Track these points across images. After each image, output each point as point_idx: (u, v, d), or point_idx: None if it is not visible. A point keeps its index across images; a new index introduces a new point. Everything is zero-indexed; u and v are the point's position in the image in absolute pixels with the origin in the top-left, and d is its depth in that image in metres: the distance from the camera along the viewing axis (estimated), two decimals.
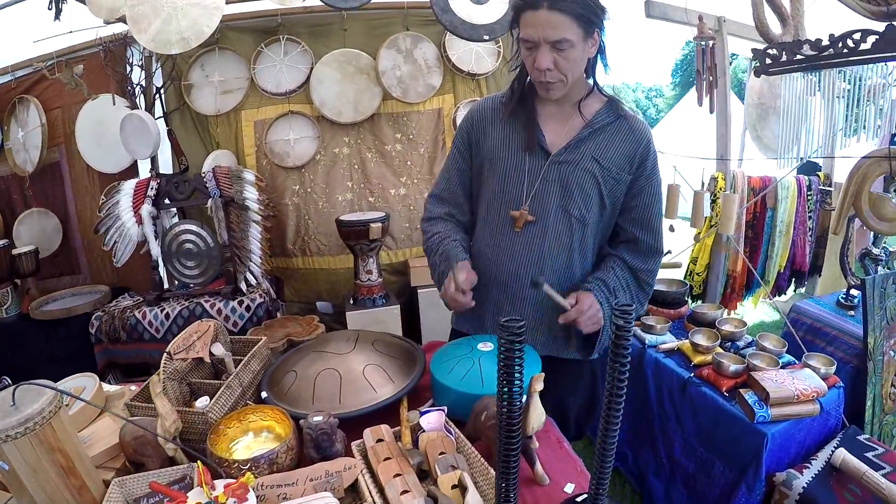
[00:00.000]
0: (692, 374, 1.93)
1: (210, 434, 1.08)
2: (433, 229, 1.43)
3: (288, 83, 2.71)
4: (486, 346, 1.23)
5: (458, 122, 2.80)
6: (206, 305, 2.53)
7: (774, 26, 2.11)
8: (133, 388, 1.47)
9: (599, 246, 1.39)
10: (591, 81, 1.29)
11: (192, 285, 2.62)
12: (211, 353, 1.35)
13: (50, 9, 2.66)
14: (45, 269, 3.05)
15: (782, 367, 1.81)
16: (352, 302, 2.64)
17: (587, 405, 1.51)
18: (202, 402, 1.18)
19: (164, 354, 1.25)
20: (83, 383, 1.43)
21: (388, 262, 2.90)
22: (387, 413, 1.17)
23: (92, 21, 2.64)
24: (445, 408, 1.08)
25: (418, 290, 2.73)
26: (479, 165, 1.36)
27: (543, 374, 0.92)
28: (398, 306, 2.60)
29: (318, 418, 1.03)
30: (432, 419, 1.05)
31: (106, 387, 1.49)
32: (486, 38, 2.49)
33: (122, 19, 2.51)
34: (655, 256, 1.35)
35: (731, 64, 2.92)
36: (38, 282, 3.01)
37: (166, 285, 2.72)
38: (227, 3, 2.44)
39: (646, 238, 1.33)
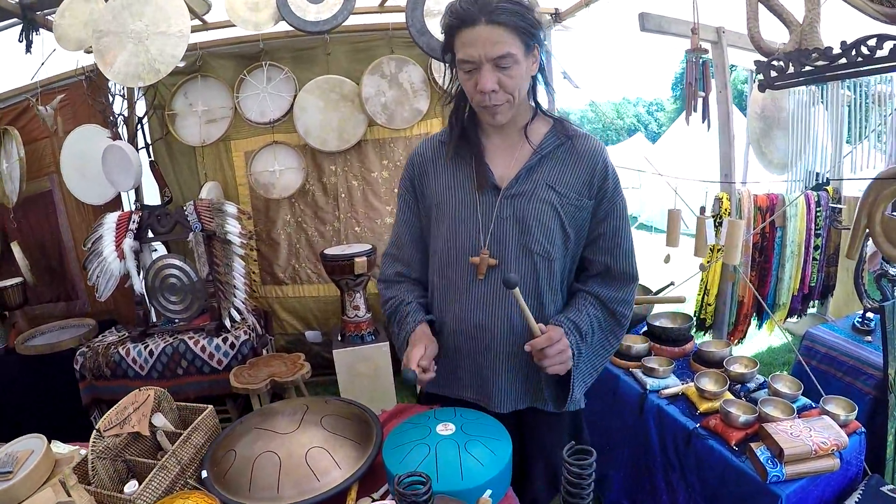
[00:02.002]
0: (698, 425, 1.77)
1: None
2: (387, 294, 1.32)
3: (272, 112, 2.62)
4: (446, 429, 1.08)
5: None
6: (190, 343, 2.45)
7: (780, 35, 1.97)
8: (83, 451, 1.36)
9: (569, 282, 1.27)
10: (533, 104, 1.18)
11: (177, 320, 2.55)
12: (151, 425, 1.26)
13: (21, 41, 2.64)
14: (39, 297, 3.02)
15: (798, 415, 1.67)
16: (339, 338, 2.55)
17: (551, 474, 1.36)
18: (130, 488, 1.08)
19: (94, 432, 1.14)
20: (32, 445, 1.35)
21: (376, 293, 2.82)
22: (331, 503, 1.05)
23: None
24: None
25: None
26: (428, 214, 1.24)
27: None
28: (388, 343, 2.47)
29: None
30: None
31: (56, 448, 1.40)
32: None
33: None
34: (630, 283, 1.23)
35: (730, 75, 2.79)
36: (25, 314, 2.97)
37: (154, 319, 2.67)
38: (199, 29, 2.37)
39: (618, 265, 1.21)
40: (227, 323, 2.44)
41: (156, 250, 2.61)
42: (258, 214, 2.72)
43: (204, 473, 1.15)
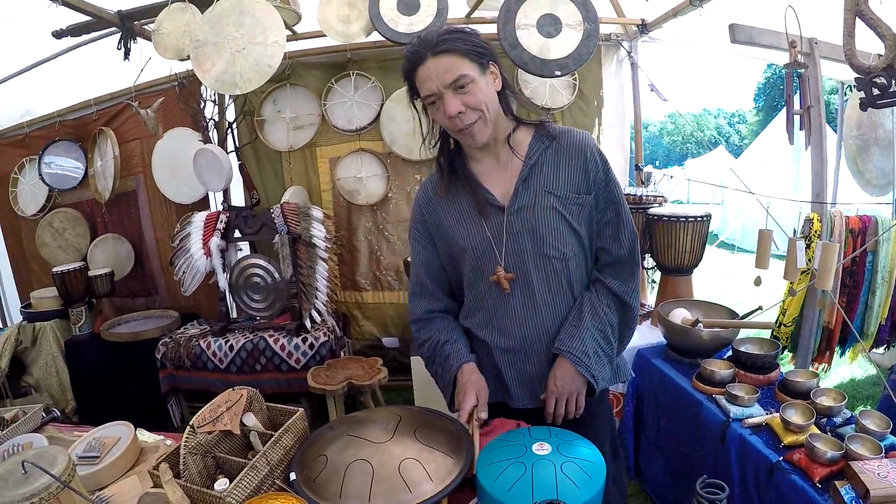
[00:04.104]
0: (781, 458, 1.73)
1: None
2: (422, 335, 1.39)
3: (359, 119, 2.76)
4: (542, 449, 1.09)
5: None
6: (270, 340, 2.57)
7: (871, 44, 1.90)
8: (169, 442, 1.47)
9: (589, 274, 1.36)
10: (511, 118, 1.25)
11: (258, 318, 2.68)
12: (243, 424, 1.31)
13: (119, 49, 2.81)
14: (120, 291, 3.21)
15: (885, 454, 1.61)
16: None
17: (612, 450, 1.44)
18: (221, 486, 1.12)
19: (188, 427, 1.20)
20: (119, 432, 1.43)
21: None
22: None
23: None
24: None
25: None
26: (447, 248, 1.34)
27: None
28: None
29: None
30: None
31: (141, 436, 1.50)
32: (557, 73, 2.45)
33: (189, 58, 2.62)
34: (637, 269, 1.32)
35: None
36: (112, 302, 3.16)
37: (234, 315, 2.79)
38: (289, 40, 2.48)
39: (625, 253, 1.29)
40: (308, 323, 2.55)
41: (241, 250, 2.76)
42: (340, 221, 2.88)
43: (292, 476, 1.18)
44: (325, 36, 2.70)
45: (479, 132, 1.17)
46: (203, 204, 2.99)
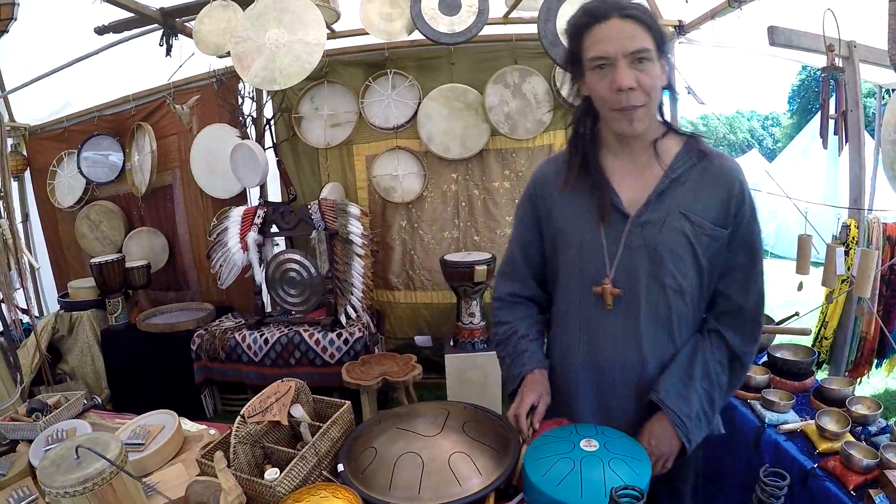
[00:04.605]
0: (816, 465, 1.73)
1: None
2: (501, 316, 1.34)
3: (396, 118, 2.79)
4: (591, 445, 1.09)
5: None
6: (305, 335, 2.62)
7: None
8: (212, 431, 1.49)
9: (701, 319, 1.21)
10: (662, 120, 1.13)
11: (293, 312, 2.73)
12: (290, 415, 1.33)
13: (161, 45, 2.86)
14: (152, 283, 3.28)
15: None
16: (452, 343, 2.65)
17: (692, 490, 1.37)
18: (271, 475, 1.14)
19: (238, 417, 1.22)
20: (163, 421, 1.45)
21: (489, 303, 2.88)
22: None
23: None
24: None
25: None
26: (552, 240, 1.23)
27: None
28: None
29: None
30: None
31: (185, 425, 1.50)
32: None
33: (229, 54, 2.66)
34: (757, 327, 1.18)
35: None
36: (148, 294, 3.23)
37: (269, 309, 2.83)
38: (328, 38, 2.51)
39: (750, 307, 1.15)
40: (343, 319, 2.60)
41: (277, 245, 2.81)
42: (374, 218, 2.94)
43: (340, 467, 1.19)
44: (363, 34, 2.75)
45: (639, 119, 1.04)
46: (240, 199, 3.05)
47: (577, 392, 1.23)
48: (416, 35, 2.63)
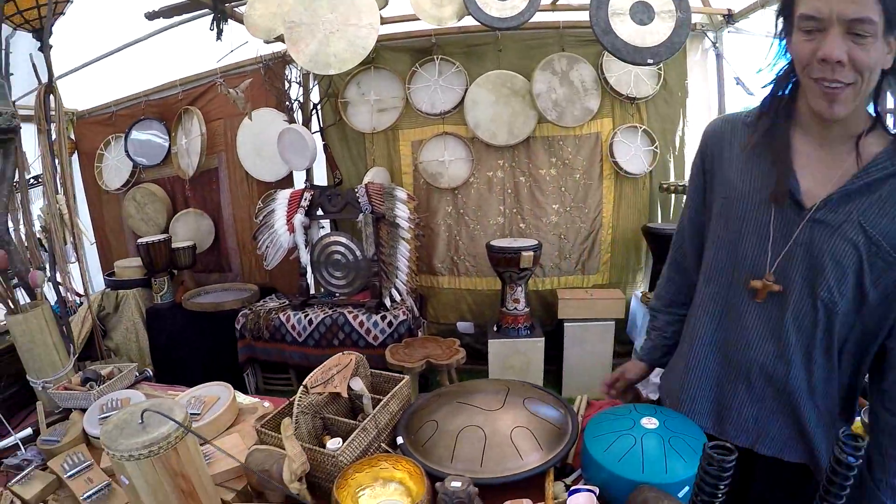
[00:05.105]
0: None
1: (338, 478, 1.06)
2: (654, 324, 1.34)
3: (443, 103, 2.82)
4: (651, 423, 1.09)
5: (615, 149, 2.74)
6: (349, 316, 2.66)
7: None
8: (266, 404, 1.51)
9: (853, 369, 1.03)
10: (872, 112, 0.96)
11: (337, 294, 2.76)
12: (349, 388, 1.35)
13: (212, 29, 2.92)
14: (197, 264, 3.35)
15: None
16: (495, 329, 2.68)
17: None
18: (334, 444, 1.15)
19: (301, 388, 1.25)
20: (218, 392, 1.46)
21: (533, 290, 2.97)
22: (532, 482, 1.09)
23: (256, 39, 2.86)
24: (597, 489, 0.99)
25: (565, 324, 2.73)
26: (712, 209, 1.11)
27: None
28: (543, 339, 2.64)
29: (457, 484, 0.97)
30: (581, 501, 0.97)
31: (240, 398, 1.51)
32: (650, 62, 2.44)
33: (281, 38, 2.70)
34: None
35: None
36: (192, 274, 3.31)
37: (312, 291, 2.87)
38: (381, 23, 2.53)
39: None
40: (388, 302, 2.62)
41: (322, 227, 2.83)
42: (419, 204, 2.97)
43: (399, 440, 1.22)
44: (411, 20, 2.78)
45: (843, 101, 0.88)
46: (286, 182, 3.11)
47: (697, 378, 1.15)
48: (464, 22, 2.65)
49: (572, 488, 1.00)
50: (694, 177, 1.16)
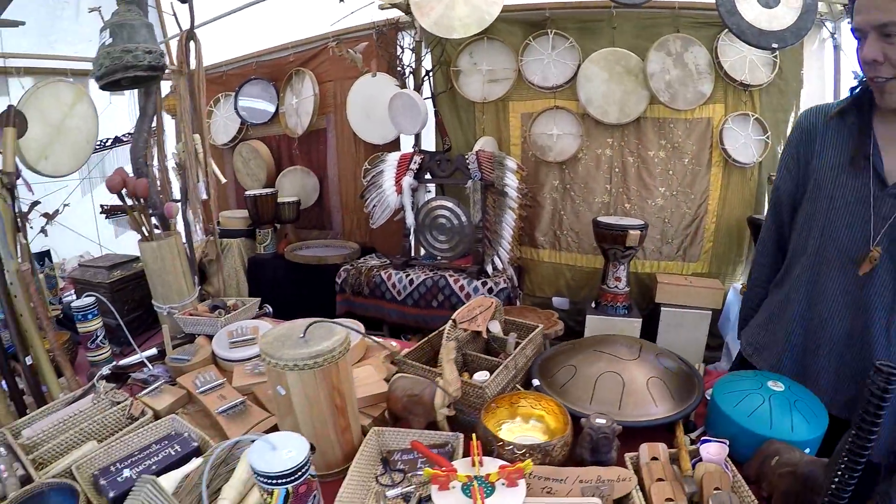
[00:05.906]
0: None
1: (483, 410, 1.13)
2: (746, 305, 1.49)
3: (555, 77, 2.89)
4: (777, 386, 1.17)
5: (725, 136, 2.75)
6: (451, 280, 2.79)
7: None
8: (394, 343, 1.63)
9: None
10: None
11: (439, 257, 2.90)
12: (488, 330, 1.45)
13: None
14: (300, 219, 3.56)
15: None
16: (594, 305, 2.77)
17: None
18: (481, 376, 1.24)
19: (450, 321, 1.36)
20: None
21: (632, 271, 3.00)
22: (658, 431, 1.16)
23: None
24: (728, 441, 1.05)
25: (662, 308, 2.78)
26: (805, 189, 1.26)
27: None
28: (640, 320, 2.71)
29: (602, 421, 1.04)
30: (713, 450, 1.01)
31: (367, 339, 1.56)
32: (774, 46, 2.43)
33: (398, 5, 2.80)
34: None
35: None
36: (295, 229, 3.52)
37: (413, 253, 3.03)
38: None
39: None
40: (489, 269, 2.73)
41: (429, 191, 2.96)
42: (527, 176, 3.04)
43: (535, 382, 1.31)
44: None
45: (889, 92, 1.05)
46: (392, 146, 3.25)
47: (783, 339, 1.29)
48: None
49: (703, 438, 1.06)
50: (788, 161, 1.31)
